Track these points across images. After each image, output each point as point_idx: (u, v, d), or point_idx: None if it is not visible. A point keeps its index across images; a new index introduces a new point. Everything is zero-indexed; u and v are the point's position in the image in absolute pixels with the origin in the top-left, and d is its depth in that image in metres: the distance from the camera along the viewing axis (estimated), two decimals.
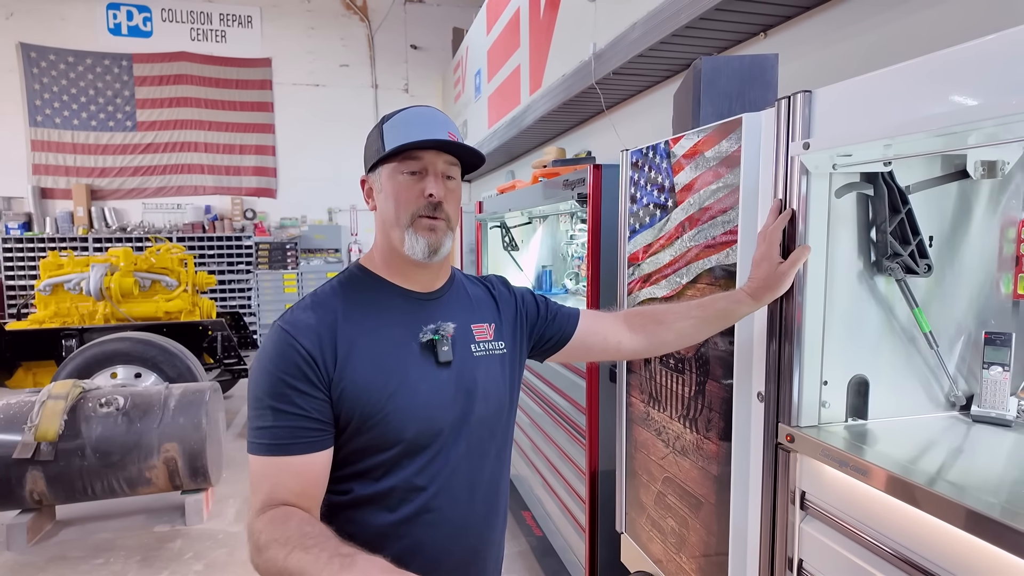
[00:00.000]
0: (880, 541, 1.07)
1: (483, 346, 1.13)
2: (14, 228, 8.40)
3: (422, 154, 1.03)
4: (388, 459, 1.01)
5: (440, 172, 1.05)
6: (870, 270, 1.27)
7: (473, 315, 1.16)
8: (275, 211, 9.58)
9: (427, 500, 1.03)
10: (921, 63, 1.02)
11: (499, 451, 1.15)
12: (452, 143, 1.02)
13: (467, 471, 1.07)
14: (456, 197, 1.08)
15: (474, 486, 1.09)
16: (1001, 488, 0.97)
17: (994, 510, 0.87)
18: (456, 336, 1.09)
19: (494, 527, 1.16)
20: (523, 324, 1.25)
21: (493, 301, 1.22)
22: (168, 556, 3.19)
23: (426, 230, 1.03)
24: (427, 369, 1.04)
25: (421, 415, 1.01)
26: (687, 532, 1.66)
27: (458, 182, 1.10)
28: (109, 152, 8.86)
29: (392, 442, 1.00)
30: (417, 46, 9.86)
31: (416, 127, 1.03)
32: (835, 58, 2.34)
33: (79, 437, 3.26)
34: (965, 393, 1.34)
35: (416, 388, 1.02)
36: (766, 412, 1.31)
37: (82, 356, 4.45)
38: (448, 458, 1.05)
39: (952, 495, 0.91)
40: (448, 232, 1.06)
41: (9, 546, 3.23)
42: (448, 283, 1.17)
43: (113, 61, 8.77)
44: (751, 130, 1.36)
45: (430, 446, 1.03)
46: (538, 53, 4.58)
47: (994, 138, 1.03)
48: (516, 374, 1.21)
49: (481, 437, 1.10)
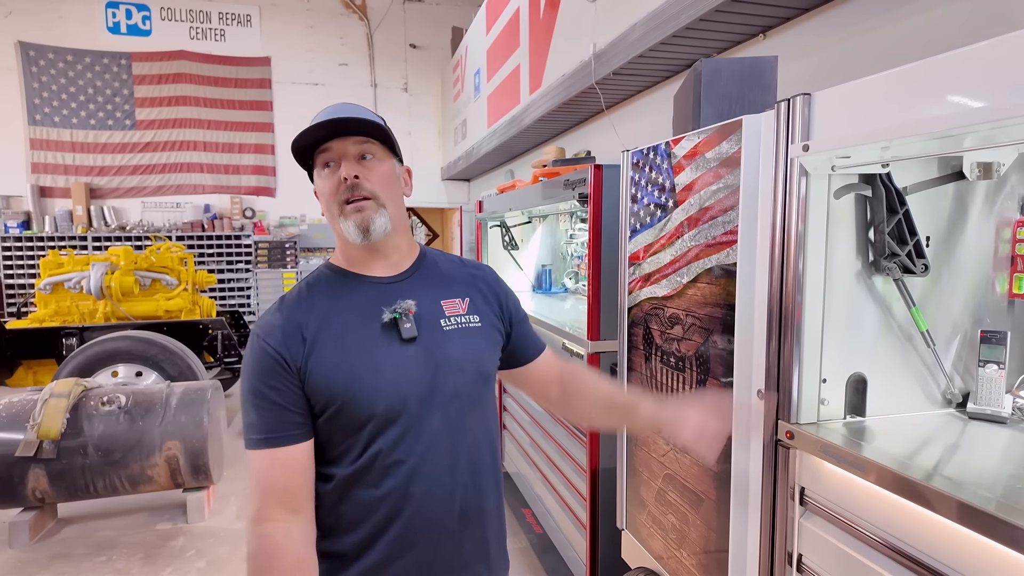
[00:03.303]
0: (878, 536, 1.10)
1: (454, 320, 1.15)
2: (13, 227, 8.39)
3: (330, 144, 1.06)
4: (362, 437, 1.05)
5: (353, 154, 1.07)
6: (868, 270, 1.29)
7: (443, 291, 1.18)
8: (274, 210, 9.58)
9: (408, 472, 1.06)
10: (920, 67, 1.04)
11: (483, 420, 1.17)
12: (340, 121, 1.03)
13: (447, 442, 1.09)
14: (380, 173, 1.09)
15: (456, 456, 1.11)
16: (996, 483, 0.99)
17: (989, 504, 0.89)
18: (422, 313, 1.11)
19: (485, 495, 1.16)
20: (503, 310, 1.26)
21: (470, 277, 1.24)
22: (170, 554, 3.21)
23: (353, 212, 1.07)
24: (392, 347, 1.07)
25: (387, 391, 1.05)
26: (688, 528, 1.68)
27: (380, 158, 1.10)
28: (108, 151, 8.86)
29: (363, 420, 1.04)
30: (416, 45, 9.87)
31: (317, 124, 1.05)
32: (834, 60, 2.36)
33: (81, 435, 3.28)
34: (961, 391, 1.36)
35: (382, 366, 1.06)
36: (766, 409, 1.33)
37: (83, 355, 4.46)
38: (423, 430, 1.07)
39: (948, 490, 0.93)
40: (379, 208, 1.08)
41: (11, 544, 3.24)
42: (416, 264, 1.19)
43: (112, 60, 8.76)
44: (751, 132, 1.38)
45: (399, 420, 1.05)
46: (538, 53, 4.59)
47: (990, 141, 1.05)
48: (496, 346, 1.22)
49: (460, 409, 1.12)
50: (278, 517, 1.00)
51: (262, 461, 1.02)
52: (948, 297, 1.36)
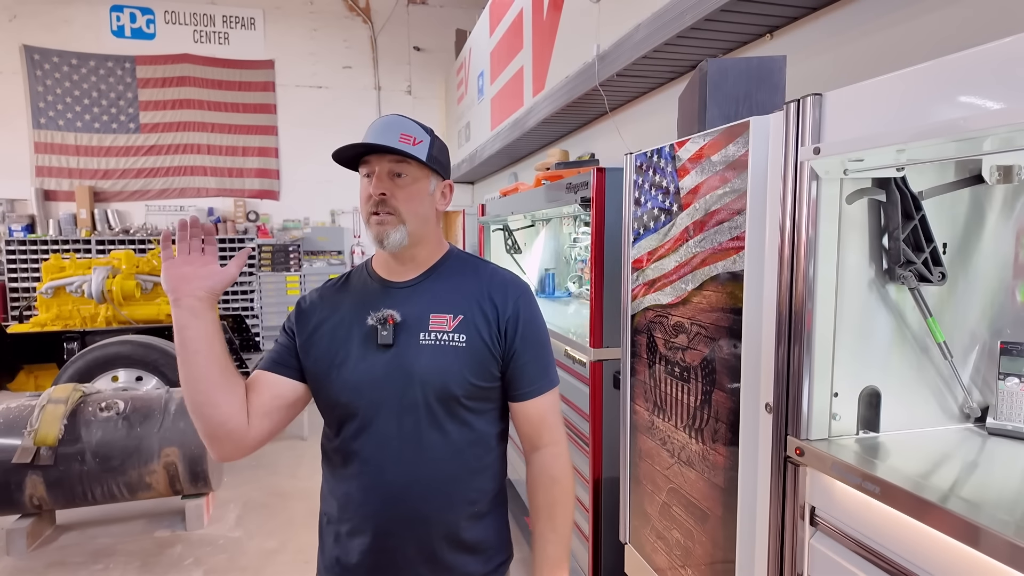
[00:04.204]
0: (892, 561, 1.04)
1: (435, 336, 1.17)
2: (17, 230, 8.40)
3: (370, 158, 1.17)
4: (334, 421, 1.21)
5: (387, 171, 1.16)
6: (882, 278, 1.23)
7: (438, 305, 1.20)
8: (278, 213, 9.56)
9: (361, 464, 1.17)
10: (937, 65, 0.98)
11: (453, 430, 1.16)
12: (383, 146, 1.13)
13: (397, 447, 1.15)
14: (408, 192, 1.18)
15: (405, 464, 1.15)
16: (1017, 505, 0.94)
17: (1008, 529, 0.83)
18: (406, 323, 1.18)
19: (446, 511, 1.18)
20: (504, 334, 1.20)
21: (479, 293, 1.21)
22: (168, 562, 3.17)
23: (375, 224, 1.17)
24: (367, 350, 1.18)
25: (350, 388, 1.16)
26: (693, 545, 1.62)
27: (412, 177, 1.18)
28: (112, 154, 8.86)
29: (332, 407, 1.19)
30: (420, 48, 9.84)
31: (370, 135, 1.16)
32: (845, 60, 2.30)
33: (79, 442, 3.24)
34: (980, 405, 1.30)
35: (355, 365, 1.17)
36: (775, 424, 1.27)
37: (83, 359, 4.43)
38: (376, 431, 1.16)
39: (966, 513, 0.88)
40: (398, 225, 1.17)
41: (8, 551, 3.21)
42: (426, 273, 1.24)
43: (116, 63, 8.77)
44: (759, 134, 1.32)
45: (357, 416, 1.17)
46: (541, 55, 4.55)
47: (1011, 143, 0.99)
48: (483, 367, 1.18)
49: (418, 420, 1.15)
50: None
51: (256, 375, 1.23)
52: (966, 306, 1.30)
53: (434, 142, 1.20)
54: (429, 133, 1.20)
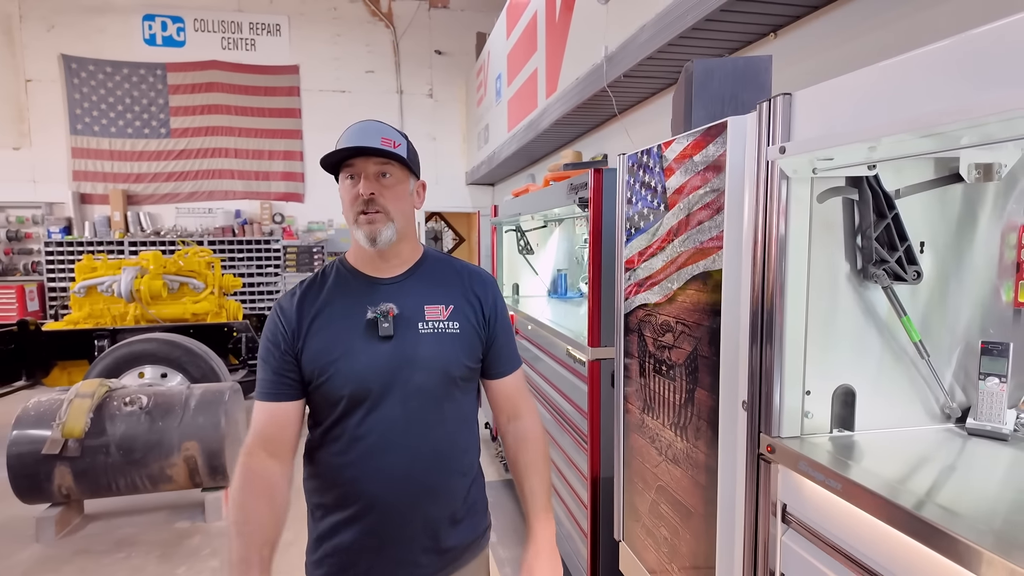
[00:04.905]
0: (860, 560, 1.04)
1: (432, 324, 1.28)
2: (55, 232, 8.75)
3: (354, 160, 1.22)
4: (336, 411, 1.23)
5: (373, 173, 1.22)
6: (857, 277, 1.23)
7: (430, 296, 1.30)
8: (303, 215, 9.76)
9: (368, 448, 1.22)
10: (904, 60, 0.98)
11: (452, 414, 1.29)
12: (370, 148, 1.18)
13: (403, 428, 1.24)
14: (395, 192, 1.24)
15: (413, 441, 1.24)
16: (995, 512, 0.91)
17: (986, 539, 0.81)
18: (404, 314, 1.26)
19: (443, 479, 1.28)
20: (487, 320, 1.36)
21: (462, 285, 1.35)
22: (186, 552, 3.28)
23: (365, 223, 1.23)
24: (369, 342, 1.24)
25: (355, 378, 1.21)
26: (678, 542, 1.63)
27: (396, 177, 1.25)
28: (144, 158, 9.17)
29: (336, 398, 1.22)
30: (441, 51, 9.94)
31: (351, 139, 1.21)
32: (854, 56, 2.27)
33: (104, 435, 3.38)
34: (962, 405, 1.29)
35: (357, 356, 1.22)
36: (749, 421, 1.28)
37: (111, 356, 4.60)
38: (383, 416, 1.22)
39: (921, 512, 0.87)
40: (387, 222, 1.24)
41: (38, 538, 3.36)
42: (413, 268, 1.33)
43: (148, 70, 9.07)
44: (736, 134, 1.33)
45: (364, 404, 1.22)
46: (554, 56, 4.57)
47: (988, 138, 0.99)
48: (474, 352, 1.33)
49: (421, 403, 1.25)
50: (261, 454, 1.21)
51: (259, 409, 1.24)
52: (950, 306, 1.29)
53: (409, 144, 1.29)
54: (404, 136, 1.28)
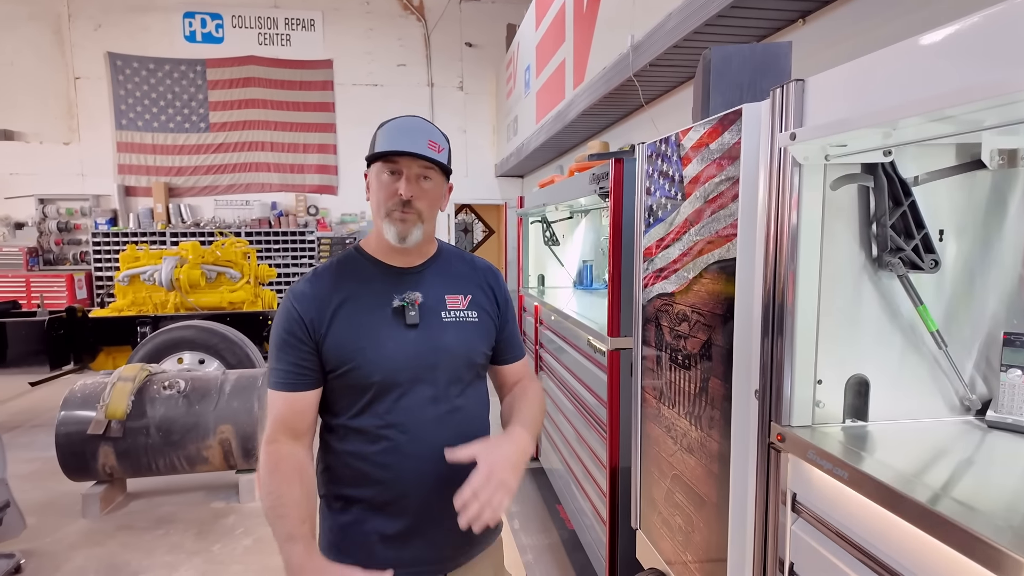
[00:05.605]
0: (870, 551, 1.03)
1: (454, 313, 1.32)
2: (102, 223, 9.13)
3: (399, 158, 1.22)
4: (364, 398, 1.25)
5: (415, 175, 1.24)
6: (872, 266, 1.21)
7: (449, 287, 1.35)
8: (336, 207, 9.95)
9: (399, 432, 1.25)
10: (917, 40, 0.96)
11: (473, 398, 1.35)
12: (418, 154, 1.21)
13: (433, 411, 1.27)
14: (430, 196, 1.27)
15: (442, 424, 1.28)
16: (1014, 506, 0.88)
17: (1003, 536, 0.77)
18: (427, 304, 1.29)
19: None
20: (500, 310, 1.42)
21: (476, 277, 1.40)
22: (221, 530, 3.41)
23: (398, 221, 1.25)
24: (396, 329, 1.26)
25: (385, 365, 1.24)
26: (692, 531, 1.64)
27: (435, 182, 1.28)
28: (185, 152, 9.47)
29: (365, 386, 1.24)
30: (472, 44, 9.96)
31: (400, 136, 1.23)
32: (884, 41, 2.20)
33: (144, 417, 3.54)
34: (982, 397, 1.26)
35: (384, 344, 1.25)
36: (760, 410, 1.28)
37: (152, 343, 4.79)
38: (413, 400, 1.25)
39: (931, 503, 0.86)
40: (418, 223, 1.26)
41: (84, 514, 3.54)
42: (431, 259, 1.36)
43: (188, 66, 9.35)
44: (751, 121, 1.32)
45: (393, 390, 1.25)
46: (581, 46, 4.55)
47: (1011, 119, 0.95)
48: (490, 339, 1.38)
49: (448, 387, 1.29)
50: (284, 440, 1.22)
51: (278, 399, 1.24)
52: (972, 295, 1.26)
53: (449, 148, 1.31)
54: (446, 139, 1.30)
